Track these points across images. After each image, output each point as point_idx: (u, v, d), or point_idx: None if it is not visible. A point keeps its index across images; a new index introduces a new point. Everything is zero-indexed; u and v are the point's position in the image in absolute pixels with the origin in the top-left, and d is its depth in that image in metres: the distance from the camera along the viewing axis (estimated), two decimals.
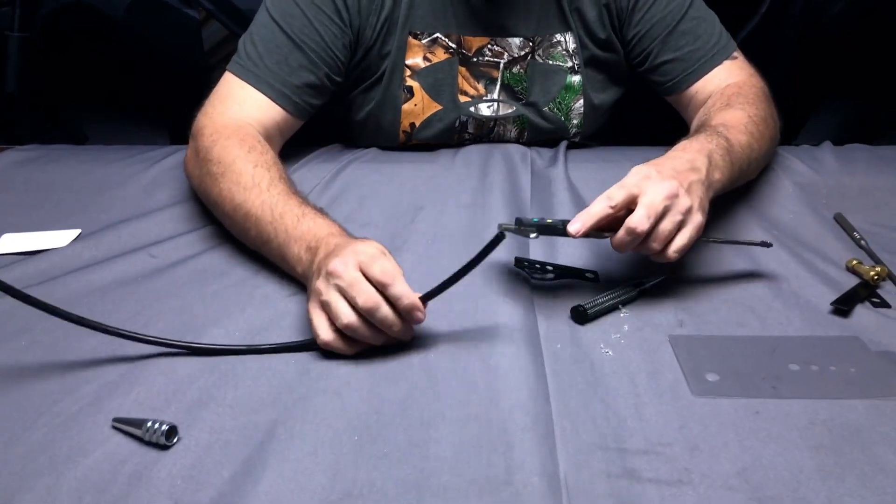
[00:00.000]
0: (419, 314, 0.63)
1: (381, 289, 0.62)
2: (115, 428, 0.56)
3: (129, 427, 0.55)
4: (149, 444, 0.55)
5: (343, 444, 0.55)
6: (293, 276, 0.74)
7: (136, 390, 0.61)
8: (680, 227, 0.68)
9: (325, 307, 0.64)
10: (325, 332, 0.64)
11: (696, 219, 0.69)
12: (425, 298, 0.64)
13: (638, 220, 0.66)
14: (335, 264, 0.64)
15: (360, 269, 0.63)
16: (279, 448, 0.55)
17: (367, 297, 0.62)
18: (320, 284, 0.65)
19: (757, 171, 0.90)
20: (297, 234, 0.72)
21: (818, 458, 0.53)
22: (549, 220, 0.70)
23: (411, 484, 0.51)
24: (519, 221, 0.71)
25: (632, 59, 1.03)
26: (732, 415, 0.58)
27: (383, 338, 0.64)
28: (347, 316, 0.62)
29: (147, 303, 0.73)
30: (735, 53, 0.99)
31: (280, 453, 0.54)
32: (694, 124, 0.92)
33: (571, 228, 0.67)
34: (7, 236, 0.85)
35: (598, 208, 0.67)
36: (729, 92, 0.93)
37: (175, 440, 0.55)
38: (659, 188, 0.67)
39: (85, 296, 0.74)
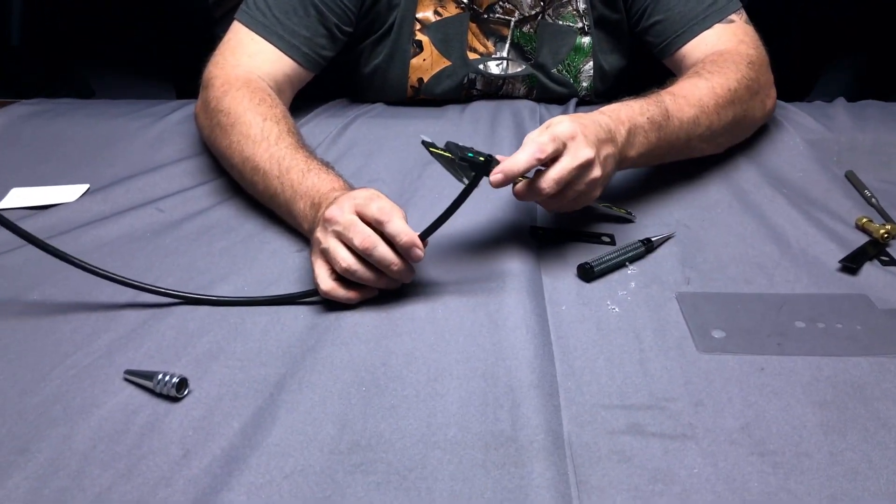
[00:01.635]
0: (418, 251, 0.63)
1: (377, 227, 0.62)
2: (126, 380, 0.57)
3: (141, 379, 0.56)
4: (160, 395, 0.56)
5: (351, 395, 0.56)
6: (301, 232, 0.74)
7: (147, 344, 0.61)
8: (577, 196, 0.68)
9: (325, 254, 0.64)
10: (325, 281, 0.64)
11: (595, 194, 0.70)
12: (423, 235, 0.64)
13: (548, 185, 0.65)
14: (331, 210, 0.64)
15: (357, 211, 0.63)
16: (288, 400, 0.56)
17: (364, 236, 0.62)
18: (319, 233, 0.65)
19: (713, 147, 0.85)
20: (302, 189, 0.72)
21: (821, 414, 0.54)
22: (473, 154, 0.65)
23: (418, 437, 0.52)
24: (450, 147, 0.66)
25: (630, 18, 1.00)
26: (737, 371, 0.58)
27: (384, 280, 0.65)
28: (346, 259, 0.63)
29: (156, 258, 0.73)
30: (733, 16, 0.93)
31: (289, 405, 0.55)
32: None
33: (493, 179, 0.64)
34: (15, 190, 0.86)
35: (525, 161, 0.64)
36: (707, 60, 0.87)
37: (186, 392, 0.56)
38: (577, 155, 0.66)
39: (94, 250, 0.74)
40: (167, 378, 0.55)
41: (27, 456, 0.51)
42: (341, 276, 0.64)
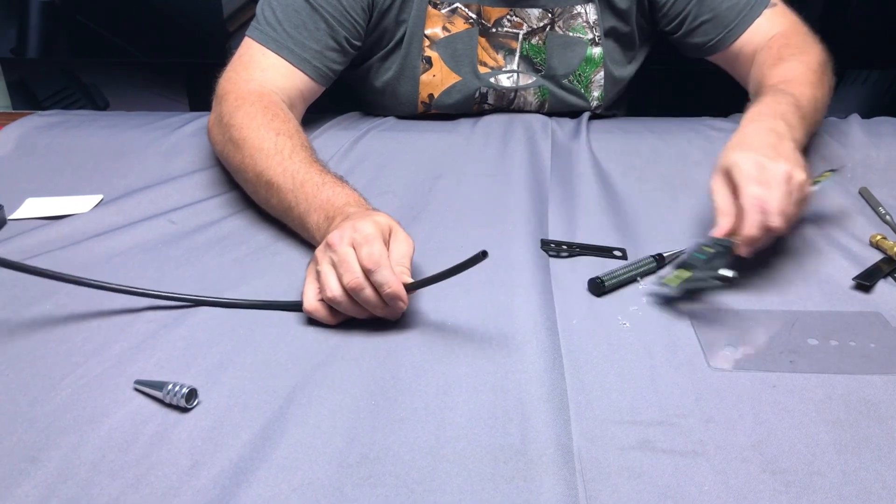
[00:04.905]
0: (401, 304, 0.63)
1: (366, 273, 0.62)
2: (136, 390, 0.57)
3: (151, 389, 0.56)
4: (169, 406, 0.56)
5: (360, 408, 0.56)
6: (313, 244, 0.74)
7: (157, 354, 0.62)
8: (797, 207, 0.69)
9: (318, 276, 0.64)
10: (310, 300, 0.65)
11: (805, 188, 0.70)
12: (410, 288, 0.63)
13: (777, 223, 0.66)
14: (333, 236, 0.64)
15: (353, 245, 0.63)
16: (297, 412, 0.56)
17: (352, 277, 0.62)
18: (319, 252, 0.65)
19: (823, 117, 0.90)
20: (316, 203, 0.73)
21: (834, 433, 0.53)
22: (710, 248, 0.68)
23: (427, 450, 0.52)
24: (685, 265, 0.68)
25: (664, 25, 1.02)
26: (749, 388, 0.58)
27: (366, 314, 0.65)
28: (333, 290, 0.63)
29: (168, 269, 0.73)
30: (773, 0, 0.98)
31: (298, 417, 0.55)
32: (751, 85, 0.92)
33: (744, 252, 0.67)
34: (30, 200, 0.86)
35: (756, 227, 0.66)
36: (778, 44, 0.92)
37: (195, 403, 0.56)
38: (777, 182, 0.67)
39: (106, 261, 0.74)
40: (177, 388, 0.55)
41: (37, 464, 0.51)
42: None
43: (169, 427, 0.54)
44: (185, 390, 0.55)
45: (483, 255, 0.59)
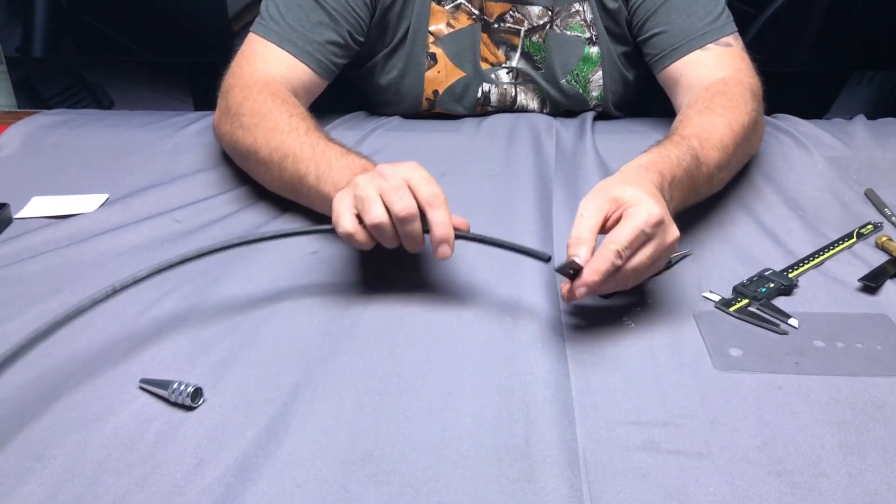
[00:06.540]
0: (446, 248, 0.62)
1: (423, 206, 0.62)
2: (142, 388, 0.57)
3: (156, 388, 0.57)
4: (175, 404, 0.56)
5: (364, 405, 0.56)
6: (323, 208, 0.72)
7: (162, 351, 0.62)
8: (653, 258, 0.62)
9: (358, 201, 0.63)
10: (349, 222, 0.63)
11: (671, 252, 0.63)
12: (459, 236, 0.63)
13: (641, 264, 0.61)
14: (386, 167, 0.64)
15: (408, 182, 0.62)
16: (302, 409, 0.56)
17: (407, 205, 0.61)
18: (360, 179, 0.64)
19: (722, 186, 0.82)
20: (341, 164, 0.72)
21: (840, 434, 0.53)
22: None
23: (431, 449, 0.52)
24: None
25: (631, 28, 1.00)
26: (754, 389, 0.58)
27: (396, 244, 0.64)
28: (381, 216, 0.61)
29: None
30: (729, 39, 0.92)
31: (302, 414, 0.55)
32: (675, 122, 0.83)
33: (578, 293, 0.59)
34: (36, 199, 0.87)
35: (606, 265, 0.59)
36: (714, 90, 0.84)
37: (200, 401, 0.56)
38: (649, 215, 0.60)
39: (112, 259, 0.75)
40: (182, 387, 0.55)
41: (43, 462, 0.51)
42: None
43: (174, 426, 0.54)
44: (190, 389, 0.55)
45: (546, 258, 0.60)
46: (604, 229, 0.62)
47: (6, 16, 1.51)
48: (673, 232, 0.62)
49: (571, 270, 0.60)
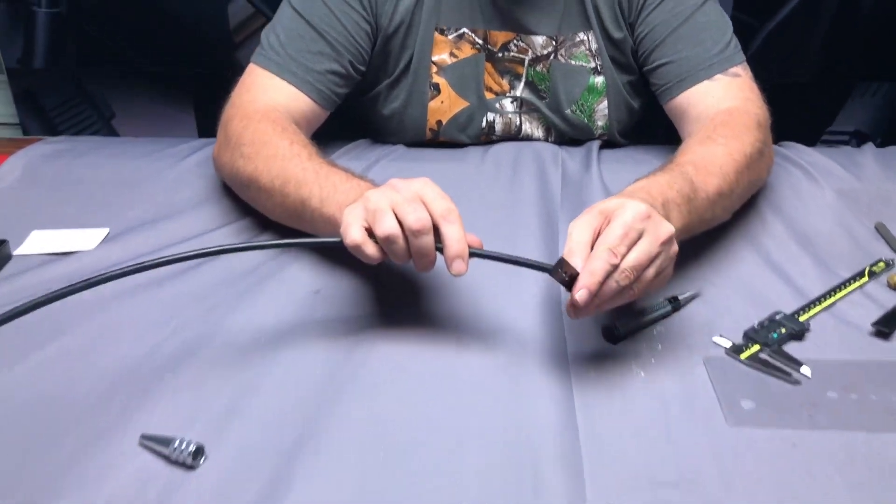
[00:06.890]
0: (461, 264, 0.60)
1: (437, 221, 0.60)
2: (142, 445, 0.56)
3: (157, 445, 0.55)
4: (176, 462, 0.55)
5: (369, 459, 0.55)
6: (327, 233, 0.70)
7: (162, 404, 0.60)
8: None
9: (369, 213, 0.61)
10: (357, 232, 0.61)
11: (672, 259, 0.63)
12: (473, 254, 0.61)
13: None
14: (398, 181, 0.63)
15: (420, 197, 0.61)
16: (305, 466, 0.54)
17: (420, 218, 0.59)
18: (372, 193, 0.62)
19: (729, 214, 0.81)
20: (346, 186, 0.70)
21: (857, 497, 0.52)
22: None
23: None
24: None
25: (637, 59, 0.99)
26: (768, 447, 0.56)
27: (407, 259, 0.62)
28: (393, 228, 0.60)
29: (177, 305, 0.73)
30: (738, 69, 0.90)
31: (306, 469, 0.54)
32: (679, 148, 0.81)
33: (578, 297, 0.57)
34: (36, 233, 0.85)
35: (601, 264, 0.57)
36: (718, 120, 0.83)
37: (202, 460, 0.55)
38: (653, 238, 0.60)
39: (114, 299, 0.73)
40: (183, 446, 0.54)
41: None
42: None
43: (176, 485, 0.53)
44: (191, 448, 0.54)
45: (554, 271, 0.58)
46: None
47: (7, 27, 1.50)
48: (666, 226, 0.61)
49: (566, 275, 0.58)
